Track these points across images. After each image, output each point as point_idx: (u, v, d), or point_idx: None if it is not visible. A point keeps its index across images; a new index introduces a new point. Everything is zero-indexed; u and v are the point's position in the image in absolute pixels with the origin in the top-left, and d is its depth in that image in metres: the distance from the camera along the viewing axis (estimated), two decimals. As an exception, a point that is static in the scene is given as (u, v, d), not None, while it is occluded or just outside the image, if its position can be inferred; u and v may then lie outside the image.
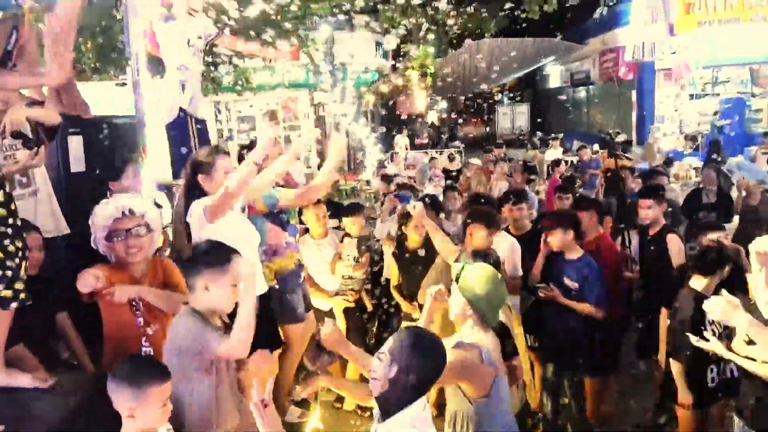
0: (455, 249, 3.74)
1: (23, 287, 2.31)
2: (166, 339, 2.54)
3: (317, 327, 2.51)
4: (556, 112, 27.01)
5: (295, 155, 3.59)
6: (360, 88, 18.03)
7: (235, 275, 2.46)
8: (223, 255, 2.50)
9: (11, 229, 2.24)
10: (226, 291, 2.46)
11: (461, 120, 27.86)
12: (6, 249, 2.23)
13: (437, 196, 6.10)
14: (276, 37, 11.27)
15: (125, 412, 2.11)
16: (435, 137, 26.17)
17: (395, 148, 17.69)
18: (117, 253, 2.78)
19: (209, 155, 3.13)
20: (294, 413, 3.88)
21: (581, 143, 13.35)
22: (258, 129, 15.91)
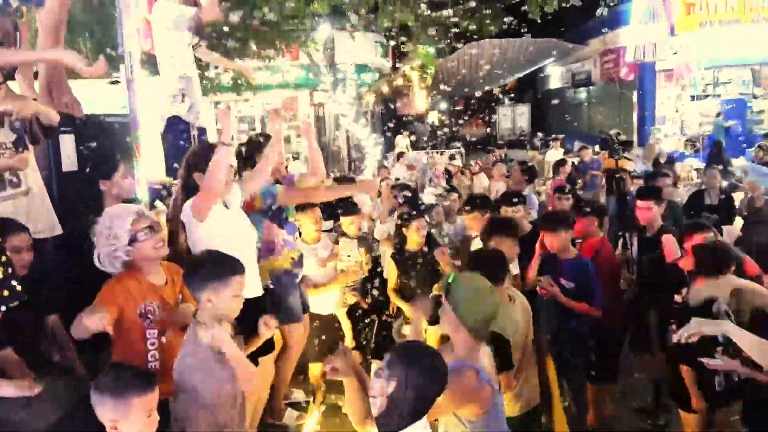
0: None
1: None
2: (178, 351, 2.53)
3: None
4: (557, 112, 26.95)
5: (277, 143, 3.59)
6: (360, 88, 17.99)
7: (237, 286, 2.47)
8: (223, 269, 2.48)
9: None
10: (228, 303, 2.47)
11: (462, 121, 27.77)
12: None
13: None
14: (276, 38, 11.28)
15: (108, 423, 2.02)
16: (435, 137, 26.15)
17: (396, 148, 17.63)
18: (144, 255, 2.67)
19: (204, 152, 3.07)
20: (291, 416, 3.81)
21: (582, 144, 13.28)
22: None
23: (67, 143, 3.65)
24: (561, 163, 9.50)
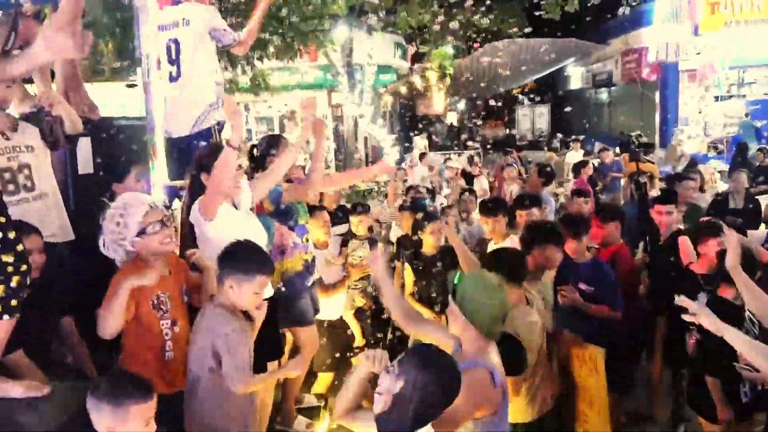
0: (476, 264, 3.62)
1: (9, 301, 2.19)
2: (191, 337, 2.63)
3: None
4: (577, 113, 26.65)
5: (299, 145, 3.54)
6: (378, 88, 17.97)
7: (259, 285, 2.61)
8: (251, 264, 2.60)
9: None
10: (247, 297, 2.61)
11: (481, 121, 27.57)
12: None
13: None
14: (294, 39, 11.29)
15: (104, 431, 1.97)
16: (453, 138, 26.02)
17: (414, 149, 17.57)
18: (150, 248, 2.67)
19: (212, 153, 3.05)
20: (301, 423, 3.77)
21: (603, 146, 13.09)
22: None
23: (84, 146, 3.66)
24: (582, 165, 9.23)
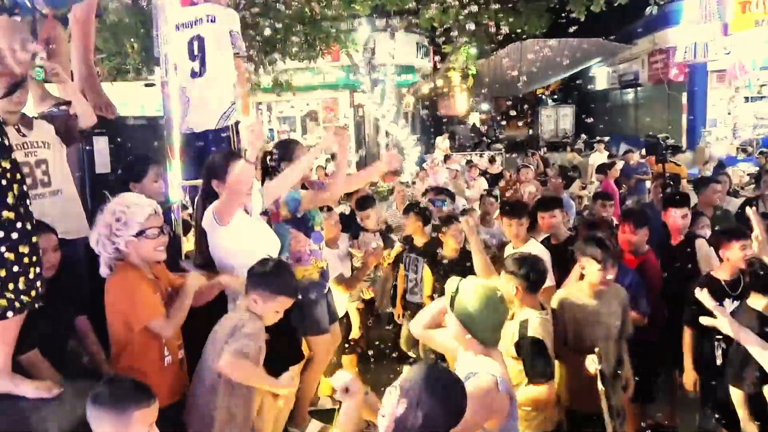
0: (493, 272, 3.53)
1: (19, 296, 2.19)
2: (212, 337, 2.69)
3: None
4: (602, 114, 26.27)
5: (314, 156, 3.51)
6: (400, 89, 17.91)
7: (281, 305, 2.72)
8: (277, 286, 2.70)
9: (16, 234, 2.14)
10: (267, 312, 2.71)
11: (504, 122, 27.38)
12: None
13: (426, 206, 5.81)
14: (316, 39, 11.31)
15: None
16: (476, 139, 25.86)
17: (436, 150, 17.49)
18: (143, 252, 2.62)
19: (224, 160, 3.03)
20: (314, 428, 3.73)
21: (628, 147, 12.86)
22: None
23: (101, 145, 3.67)
24: (608, 167, 8.90)
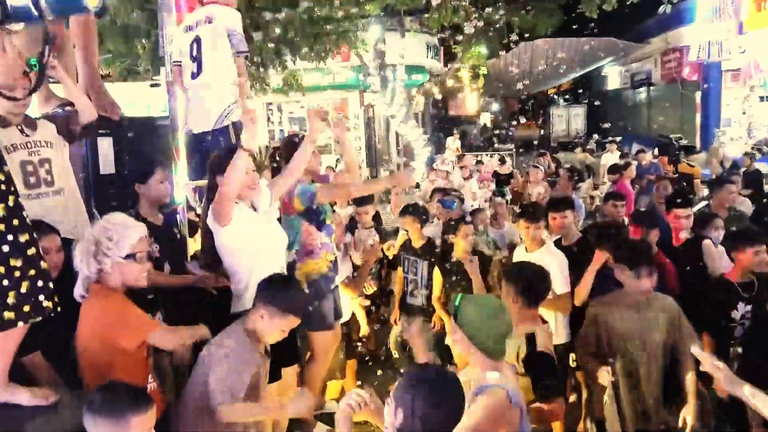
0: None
1: (20, 307, 2.13)
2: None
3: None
4: (614, 114, 26.06)
5: (311, 141, 3.42)
6: (410, 88, 17.86)
7: (289, 324, 2.64)
8: (287, 306, 2.62)
9: (8, 247, 2.08)
10: (274, 331, 2.63)
11: (514, 122, 27.21)
12: None
13: (424, 205, 5.98)
14: (325, 40, 11.29)
15: None
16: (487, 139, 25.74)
17: (446, 150, 17.41)
18: (127, 276, 2.51)
19: (227, 155, 2.99)
20: (321, 429, 3.69)
21: (640, 147, 12.72)
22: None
23: (105, 146, 3.65)
24: (623, 167, 8.55)
